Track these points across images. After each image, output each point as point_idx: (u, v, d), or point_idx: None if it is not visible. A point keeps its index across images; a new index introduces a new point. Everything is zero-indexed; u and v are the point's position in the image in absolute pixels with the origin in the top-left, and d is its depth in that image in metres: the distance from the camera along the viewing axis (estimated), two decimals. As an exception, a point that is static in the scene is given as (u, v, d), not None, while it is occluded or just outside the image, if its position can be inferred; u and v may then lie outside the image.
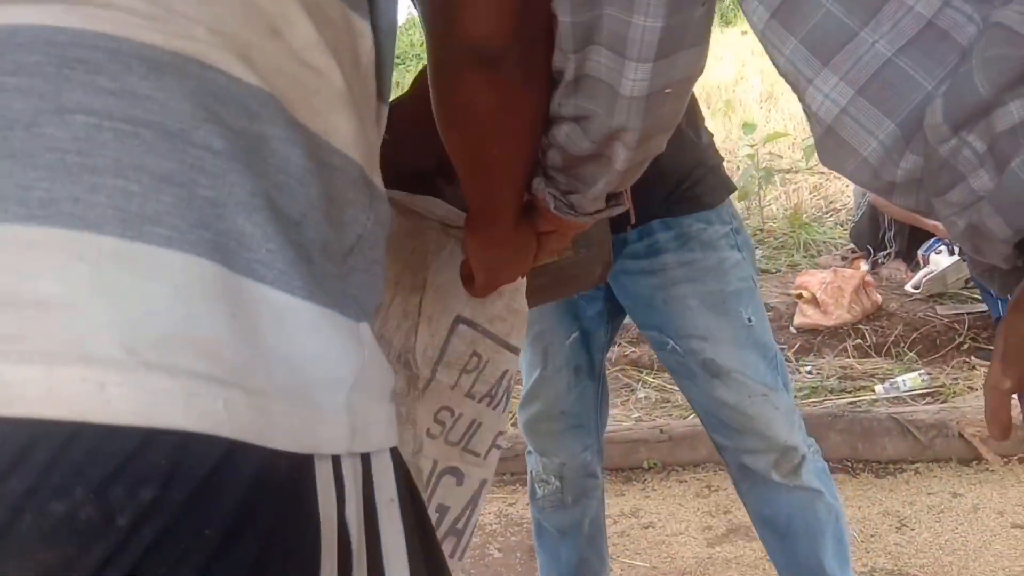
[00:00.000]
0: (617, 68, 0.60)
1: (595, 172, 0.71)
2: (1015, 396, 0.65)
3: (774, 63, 0.57)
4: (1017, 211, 0.45)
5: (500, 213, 0.74)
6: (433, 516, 0.80)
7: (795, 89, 0.56)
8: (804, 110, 0.57)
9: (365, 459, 0.41)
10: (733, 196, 1.41)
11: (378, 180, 0.50)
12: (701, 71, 0.64)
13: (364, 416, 0.40)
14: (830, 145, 0.54)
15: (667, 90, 0.61)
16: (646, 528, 2.22)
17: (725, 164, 1.47)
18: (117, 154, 0.35)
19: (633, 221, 1.31)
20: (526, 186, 0.73)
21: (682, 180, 1.31)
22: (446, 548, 0.81)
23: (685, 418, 2.63)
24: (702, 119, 1.42)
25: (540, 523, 1.60)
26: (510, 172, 0.70)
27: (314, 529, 0.37)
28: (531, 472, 1.56)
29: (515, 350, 0.85)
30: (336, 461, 0.39)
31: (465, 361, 0.79)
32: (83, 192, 0.34)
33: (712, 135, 1.43)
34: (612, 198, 0.77)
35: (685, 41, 0.59)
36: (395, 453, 0.45)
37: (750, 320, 1.34)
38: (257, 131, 0.39)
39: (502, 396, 0.85)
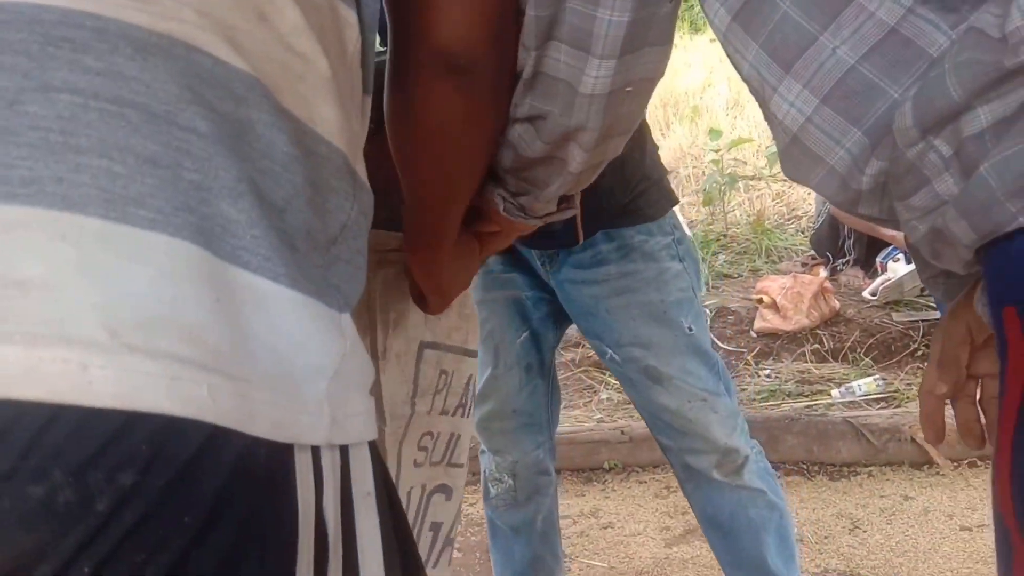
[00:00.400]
0: (578, 65, 0.59)
1: (547, 174, 0.69)
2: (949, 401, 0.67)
3: (737, 68, 0.56)
4: (983, 215, 0.45)
5: (447, 230, 0.71)
6: (427, 535, 0.79)
7: (759, 96, 0.55)
8: (767, 117, 0.56)
9: (343, 451, 0.41)
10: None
11: (361, 170, 0.49)
12: (662, 73, 0.63)
13: (344, 407, 0.40)
14: (795, 154, 0.54)
15: (628, 89, 0.61)
16: (605, 528, 2.23)
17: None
18: (102, 134, 0.34)
19: (580, 241, 1.36)
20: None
21: (625, 196, 1.35)
22: (444, 559, 0.80)
23: (646, 419, 2.65)
24: (648, 132, 1.46)
25: (493, 522, 1.61)
26: (464, 187, 0.67)
27: (292, 519, 0.37)
28: (484, 471, 1.58)
29: (473, 354, 0.84)
30: (315, 452, 0.38)
31: (435, 383, 0.78)
32: (66, 172, 0.33)
33: (658, 147, 1.49)
34: (563, 201, 0.75)
35: (649, 38, 0.59)
36: (373, 447, 0.45)
37: (690, 329, 1.39)
38: (243, 115, 0.39)
39: (470, 402, 0.84)
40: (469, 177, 0.67)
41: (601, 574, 2.04)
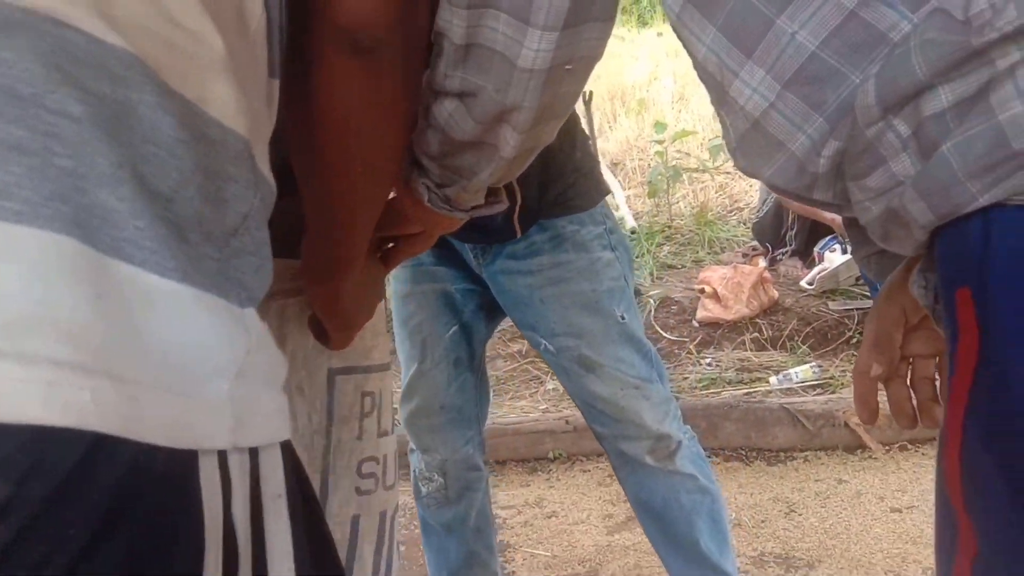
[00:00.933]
0: (517, 37, 0.56)
1: (477, 160, 0.65)
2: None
3: (692, 54, 0.55)
4: (942, 196, 0.45)
5: (354, 251, 0.64)
6: (396, 556, 0.77)
7: (716, 80, 0.53)
8: (722, 103, 0.54)
9: (253, 453, 0.39)
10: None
11: (263, 158, 0.47)
12: (601, 54, 0.61)
13: (250, 407, 0.38)
14: (756, 140, 0.53)
15: (568, 67, 0.58)
16: (549, 517, 2.25)
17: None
18: None
19: (519, 235, 1.36)
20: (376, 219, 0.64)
21: (557, 188, 1.36)
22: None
23: (590, 409, 2.68)
24: (579, 123, 1.48)
25: (426, 521, 1.60)
26: (373, 190, 0.61)
27: (197, 527, 0.35)
28: (414, 471, 1.56)
29: (390, 365, 0.81)
30: (222, 455, 0.37)
31: (359, 408, 0.75)
32: None
33: (588, 138, 1.50)
34: (491, 194, 0.72)
35: (594, 11, 0.57)
36: (286, 447, 0.43)
37: (623, 317, 1.40)
38: (122, 97, 0.36)
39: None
40: (379, 177, 0.61)
41: (544, 563, 2.05)
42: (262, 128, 0.47)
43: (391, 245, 0.75)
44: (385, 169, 0.61)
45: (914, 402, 0.67)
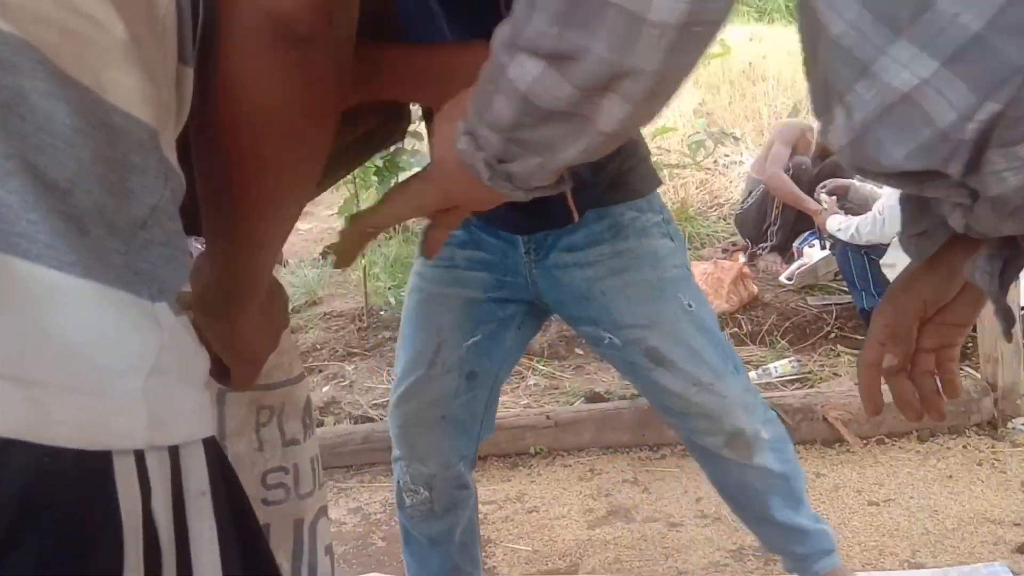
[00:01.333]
0: None
1: (560, 136, 0.54)
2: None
3: (825, 28, 0.51)
4: None
5: (259, 281, 0.58)
6: (326, 560, 0.75)
7: (852, 57, 0.50)
8: (861, 78, 0.50)
9: (173, 451, 0.39)
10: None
11: (171, 149, 0.44)
12: (724, 22, 0.53)
13: (167, 404, 0.37)
14: (902, 115, 0.50)
15: (697, 28, 0.49)
16: (530, 512, 2.25)
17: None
18: None
19: (576, 219, 1.29)
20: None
21: (613, 169, 1.29)
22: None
23: (572, 404, 2.69)
24: None
25: (408, 531, 1.51)
26: (285, 211, 0.55)
27: (114, 528, 0.34)
28: (398, 481, 1.46)
29: (302, 376, 0.78)
30: (139, 454, 0.36)
31: (254, 421, 0.72)
32: None
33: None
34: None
35: None
36: (209, 444, 0.42)
37: (690, 305, 1.33)
38: (11, 83, 0.34)
39: (311, 420, 0.79)
40: (297, 184, 0.54)
41: (525, 558, 2.05)
42: (171, 117, 0.45)
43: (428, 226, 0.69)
44: (305, 175, 0.55)
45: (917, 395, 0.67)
